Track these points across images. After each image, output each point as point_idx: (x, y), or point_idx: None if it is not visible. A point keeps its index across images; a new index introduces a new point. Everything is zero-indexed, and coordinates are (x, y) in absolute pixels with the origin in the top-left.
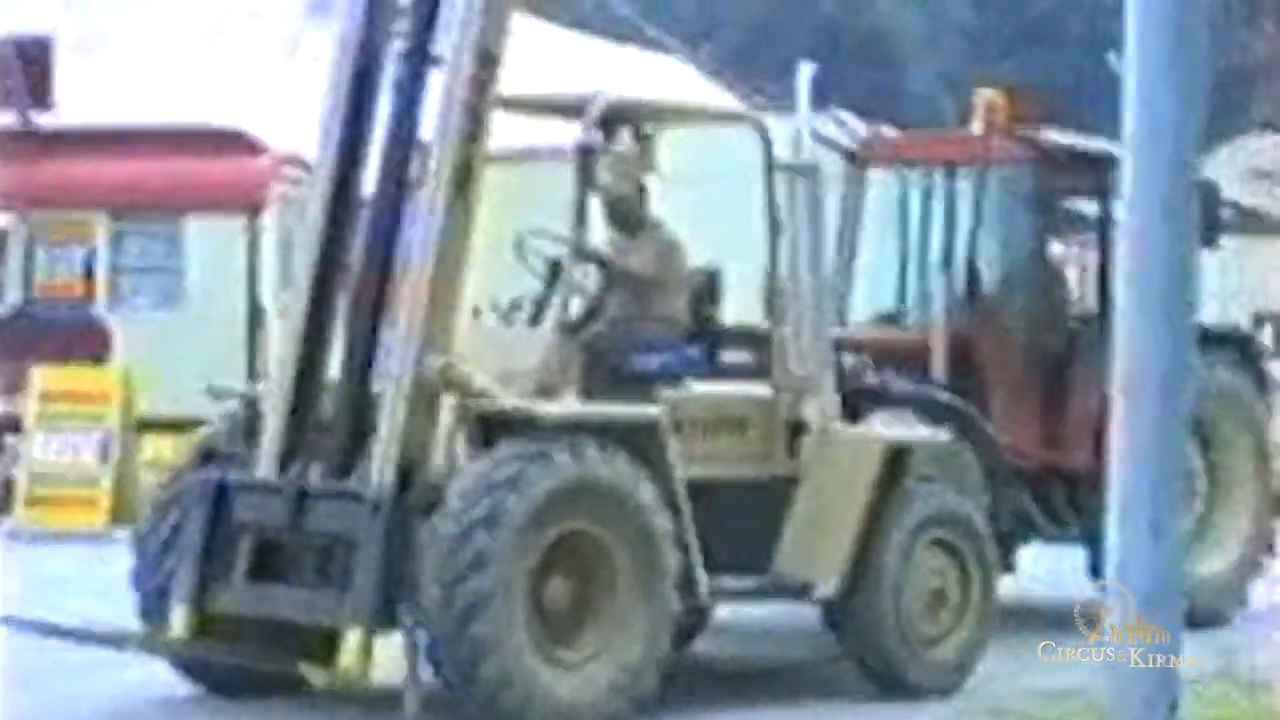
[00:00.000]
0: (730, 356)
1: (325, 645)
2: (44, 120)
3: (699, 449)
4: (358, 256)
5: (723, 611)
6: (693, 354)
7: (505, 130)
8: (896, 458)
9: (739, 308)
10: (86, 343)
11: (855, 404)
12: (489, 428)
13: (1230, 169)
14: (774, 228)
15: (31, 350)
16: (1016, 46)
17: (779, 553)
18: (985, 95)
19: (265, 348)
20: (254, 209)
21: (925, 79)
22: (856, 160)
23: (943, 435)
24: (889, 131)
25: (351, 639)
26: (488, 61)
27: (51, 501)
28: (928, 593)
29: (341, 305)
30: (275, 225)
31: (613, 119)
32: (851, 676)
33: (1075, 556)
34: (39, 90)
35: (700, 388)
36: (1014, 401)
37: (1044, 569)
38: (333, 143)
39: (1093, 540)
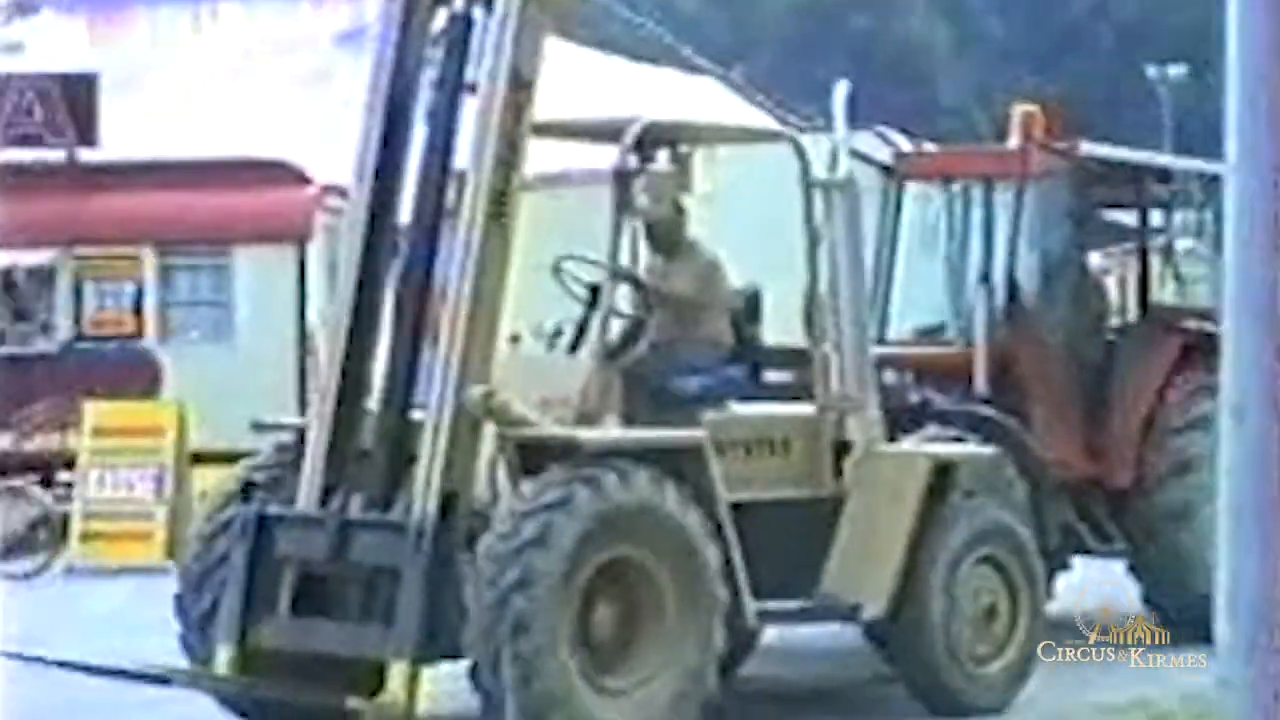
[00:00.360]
0: (773, 377)
1: (371, 678)
2: (87, 156)
3: (742, 470)
4: (395, 286)
5: (768, 633)
6: (734, 375)
7: (542, 155)
8: (941, 475)
9: (782, 327)
10: (137, 377)
11: (897, 421)
12: (530, 456)
13: None
14: (813, 245)
15: (82, 386)
16: (1047, 58)
17: (825, 574)
18: (1022, 109)
19: (315, 377)
20: (301, 239)
21: (957, 93)
22: (894, 176)
23: (986, 451)
24: (930, 147)
25: (397, 671)
26: (522, 87)
27: (106, 536)
28: (976, 610)
29: (380, 335)
30: (322, 255)
31: (649, 142)
32: (901, 696)
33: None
34: (84, 126)
35: (742, 409)
36: (1056, 414)
37: (1094, 581)
38: (368, 172)
39: (1136, 554)
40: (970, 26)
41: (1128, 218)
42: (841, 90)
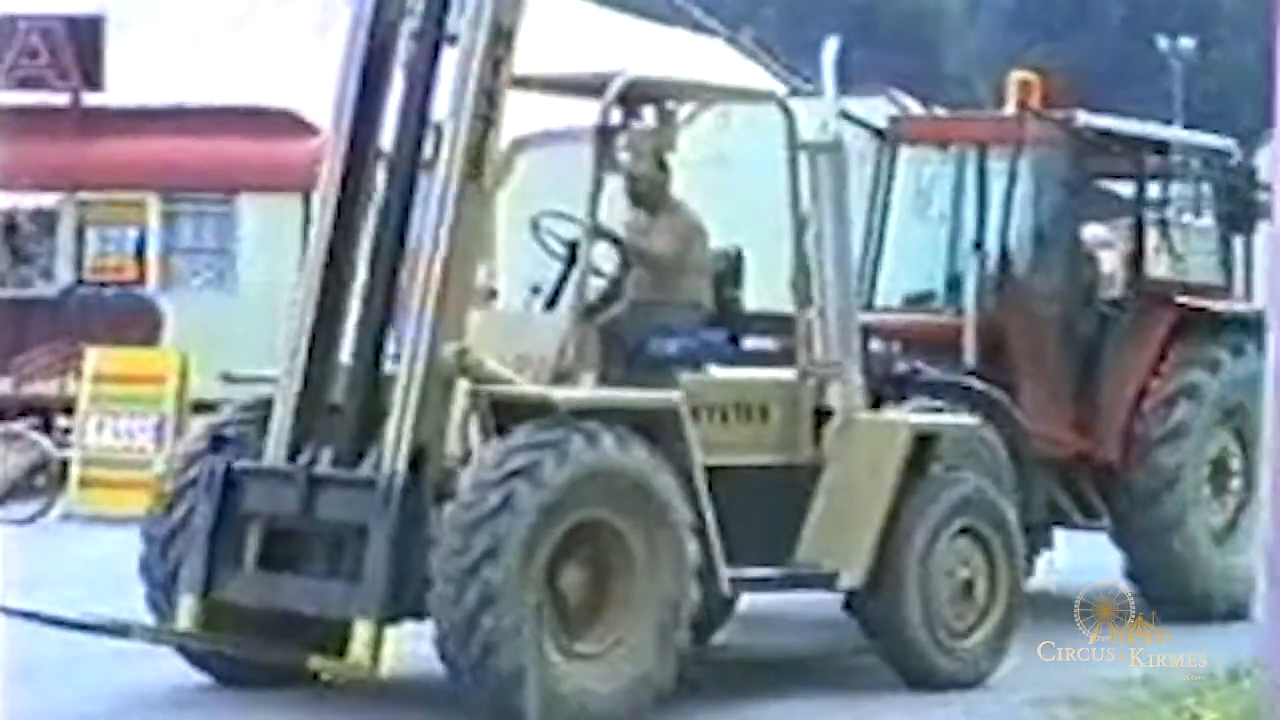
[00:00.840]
0: (756, 341)
1: (336, 635)
2: (92, 99)
3: (720, 435)
4: (370, 240)
5: (745, 600)
6: (713, 338)
7: (577, 112)
8: (922, 445)
9: (771, 292)
10: (138, 324)
11: (884, 391)
12: (503, 413)
13: None
14: (798, 209)
15: (82, 332)
16: (1057, 28)
17: (802, 541)
18: (1019, 77)
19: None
20: (306, 189)
21: (962, 61)
22: (887, 140)
23: (969, 421)
24: (941, 112)
25: (361, 631)
26: (502, 39)
27: (104, 484)
28: (955, 583)
29: (355, 289)
30: None
31: (634, 97)
32: (879, 667)
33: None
34: (90, 70)
35: (721, 372)
36: (1045, 388)
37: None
38: (345, 124)
39: (1122, 530)
40: None
41: (1127, 189)
42: (830, 49)
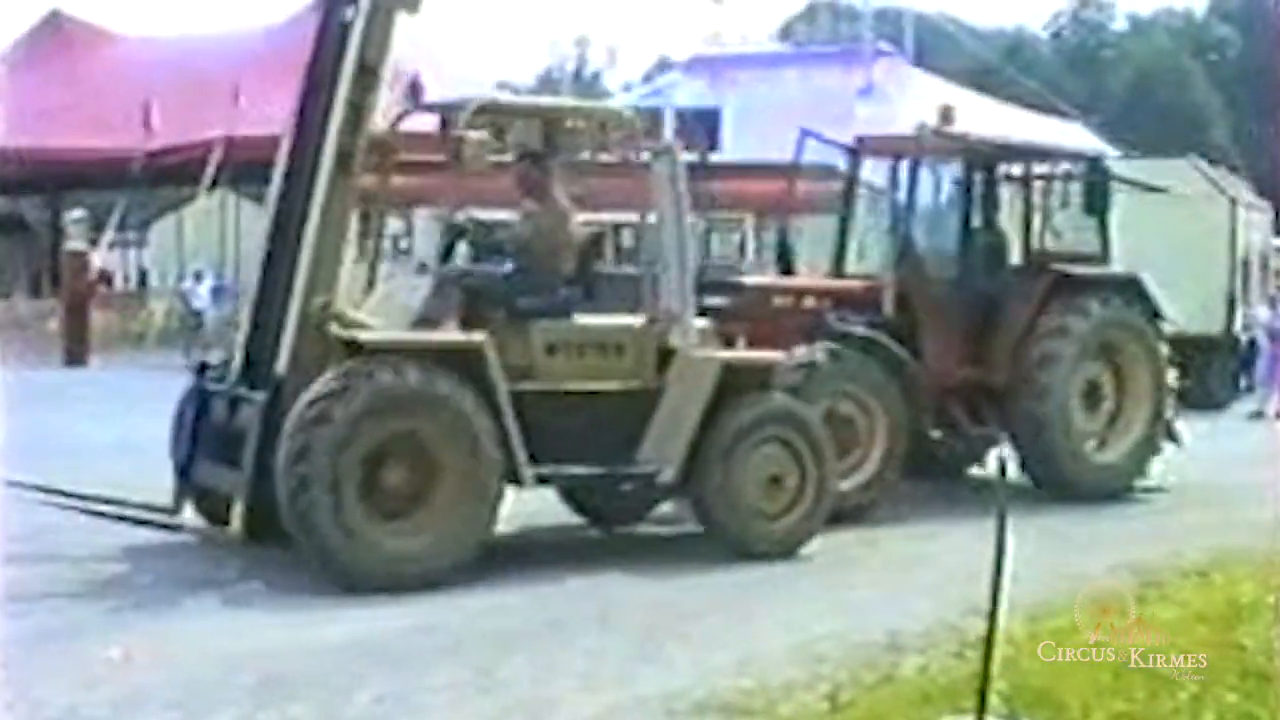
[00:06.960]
0: (615, 297)
1: None
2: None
3: (577, 367)
4: (293, 223)
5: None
6: (571, 294)
7: None
8: (731, 373)
9: None
10: None
11: (811, 335)
12: (350, 351)
13: None
14: (647, 200)
15: None
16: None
17: (642, 446)
18: (941, 105)
19: None
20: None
21: (1223, 134)
22: (853, 155)
23: (772, 355)
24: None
25: (238, 506)
26: (367, 71)
27: None
28: (761, 478)
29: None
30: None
31: (487, 117)
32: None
33: None
34: (712, 140)
35: (582, 320)
36: (942, 332)
37: None
38: (288, 139)
39: (1013, 434)
40: (1231, 94)
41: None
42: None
